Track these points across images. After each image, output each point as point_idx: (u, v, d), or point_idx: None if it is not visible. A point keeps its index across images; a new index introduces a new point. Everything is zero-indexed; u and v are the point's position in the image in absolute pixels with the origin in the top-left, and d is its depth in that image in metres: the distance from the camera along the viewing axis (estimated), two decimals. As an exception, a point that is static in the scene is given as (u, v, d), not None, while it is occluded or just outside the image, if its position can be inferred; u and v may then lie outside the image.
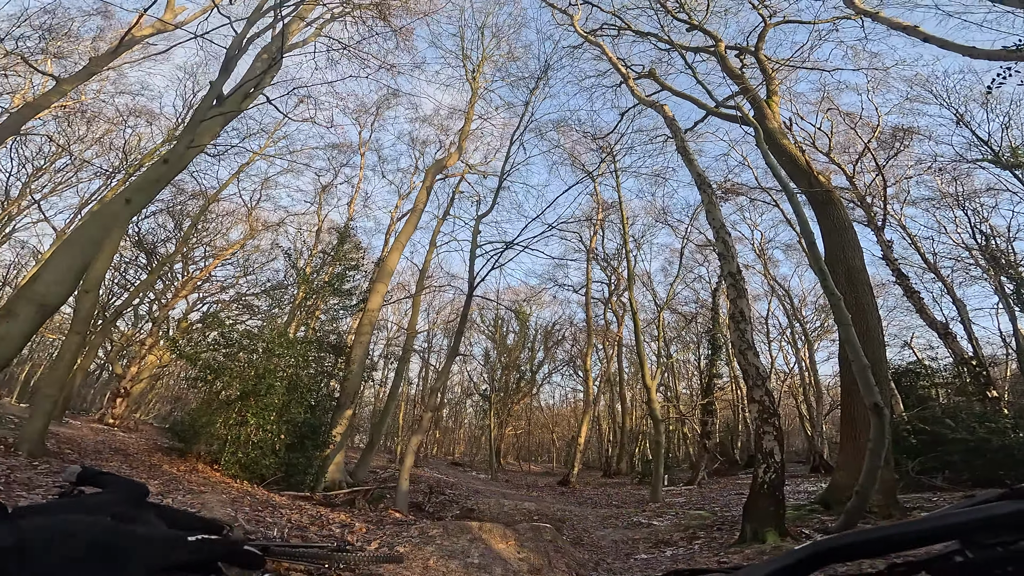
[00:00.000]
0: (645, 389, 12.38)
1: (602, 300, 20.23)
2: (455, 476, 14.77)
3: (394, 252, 10.13)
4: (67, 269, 5.59)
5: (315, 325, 9.98)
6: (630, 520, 7.87)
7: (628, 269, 14.49)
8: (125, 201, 5.81)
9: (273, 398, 6.75)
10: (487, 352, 24.44)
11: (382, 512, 6.37)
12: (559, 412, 32.78)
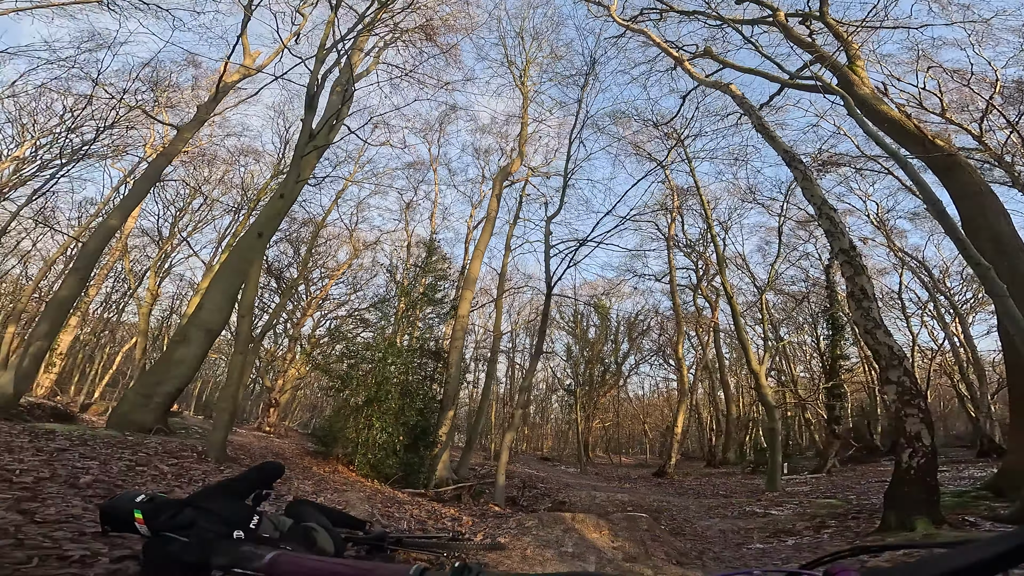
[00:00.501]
0: (752, 375, 11.43)
1: (690, 287, 19.34)
2: (545, 471, 15.10)
3: (475, 260, 10.74)
4: (222, 297, 6.79)
5: (416, 334, 10.77)
6: (741, 509, 7.39)
7: (717, 253, 13.53)
8: (258, 235, 6.49)
9: (391, 403, 7.41)
10: (569, 347, 24.43)
11: (483, 506, 6.84)
12: (650, 402, 31.54)
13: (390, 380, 7.76)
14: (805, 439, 20.72)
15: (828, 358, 14.81)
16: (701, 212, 14.89)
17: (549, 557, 3.74)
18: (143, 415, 6.00)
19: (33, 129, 13.40)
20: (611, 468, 19.35)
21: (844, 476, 10.93)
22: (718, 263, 13.37)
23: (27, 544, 1.95)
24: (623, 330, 24.23)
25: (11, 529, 2.06)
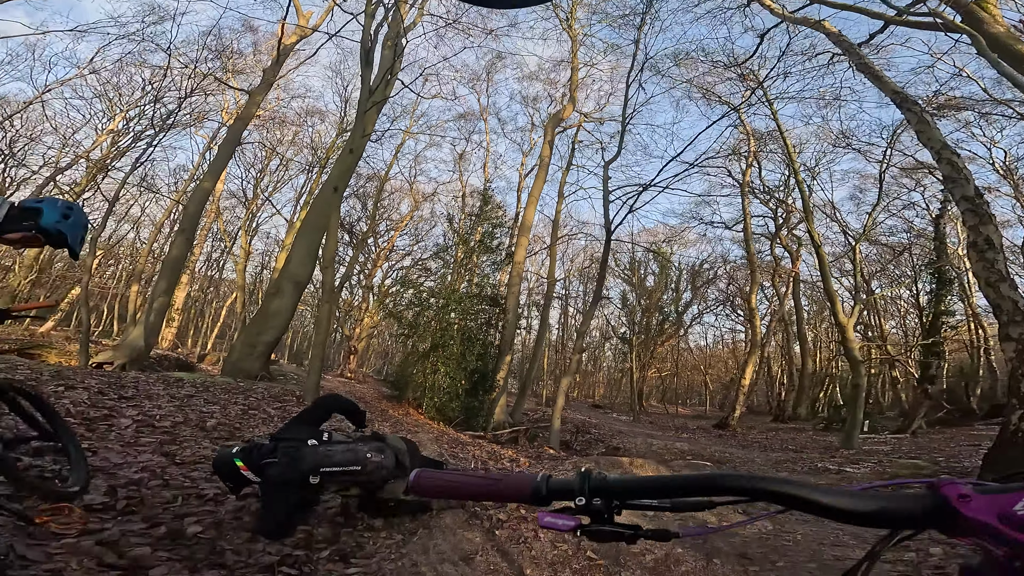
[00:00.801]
0: (838, 328, 10.56)
1: (767, 235, 17.87)
2: (597, 418, 15.32)
3: (529, 207, 10.67)
4: (306, 251, 7.38)
5: (474, 281, 11.10)
6: (813, 465, 7.05)
7: (804, 200, 12.14)
8: (333, 189, 6.85)
9: (453, 348, 7.77)
10: (624, 295, 23.74)
11: (538, 448, 7.14)
12: (712, 354, 30.18)
13: (452, 326, 8.07)
14: (888, 398, 19.00)
15: (929, 314, 13.24)
16: (783, 158, 13.52)
17: None
18: (249, 363, 6.83)
19: (120, 103, 14.83)
20: (666, 418, 19.19)
21: (930, 438, 9.97)
22: (804, 211, 11.99)
23: (171, 484, 2.33)
24: (686, 279, 22.99)
25: (158, 471, 2.46)
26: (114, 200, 10.21)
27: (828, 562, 2.49)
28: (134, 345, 7.26)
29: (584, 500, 0.44)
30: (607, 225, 9.27)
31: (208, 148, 16.34)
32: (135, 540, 1.73)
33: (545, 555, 2.35)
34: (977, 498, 0.37)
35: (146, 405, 3.76)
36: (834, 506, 0.39)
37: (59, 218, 1.62)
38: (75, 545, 1.59)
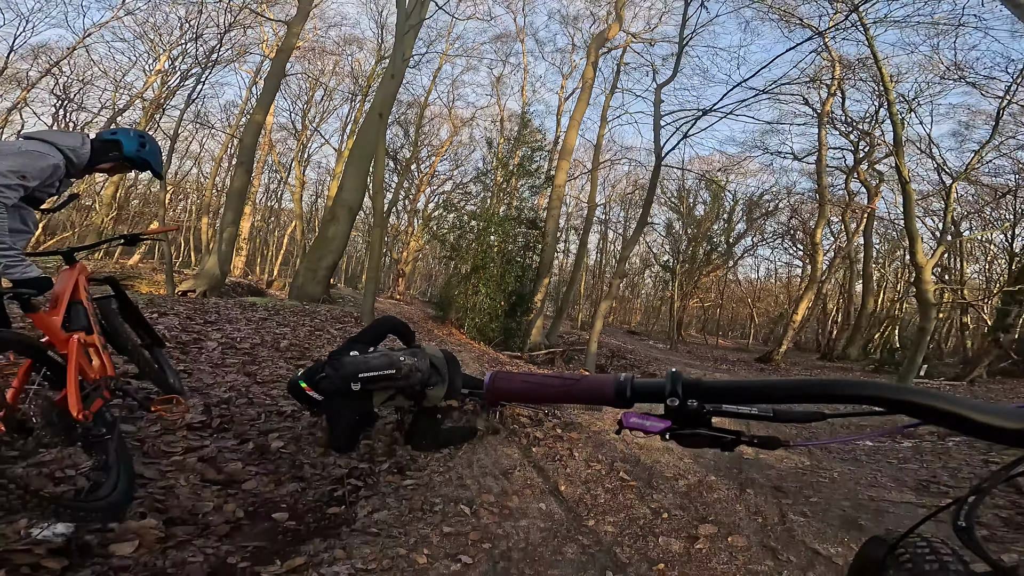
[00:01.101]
0: (914, 269, 9.68)
1: (842, 169, 16.09)
2: (632, 344, 15.51)
3: (570, 131, 10.02)
4: (357, 178, 7.51)
5: (513, 204, 10.96)
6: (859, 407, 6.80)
7: (895, 134, 10.49)
8: (378, 116, 6.73)
9: (493, 270, 7.86)
10: (670, 223, 22.50)
11: (573, 371, 7.36)
12: (763, 287, 28.60)
13: (492, 249, 8.13)
14: (951, 345, 17.64)
15: (1021, 261, 11.80)
16: (875, 88, 11.43)
17: None
18: (313, 287, 7.37)
19: (161, 42, 14.76)
20: (705, 349, 19.10)
21: (990, 388, 9.36)
22: (894, 145, 10.39)
23: (255, 403, 2.62)
24: (741, 209, 21.24)
25: (243, 389, 2.75)
26: (174, 138, 10.61)
27: (863, 502, 2.48)
28: (211, 273, 8.00)
29: (677, 401, 0.41)
30: (657, 151, 8.75)
31: (254, 82, 16.51)
32: (229, 456, 2.00)
33: (579, 473, 2.52)
34: None
35: (228, 328, 4.10)
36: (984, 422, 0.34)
37: (137, 146, 1.87)
38: (181, 463, 1.86)
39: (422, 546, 1.66)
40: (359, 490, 2.00)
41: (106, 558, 1.31)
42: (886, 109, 10.65)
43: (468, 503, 2.02)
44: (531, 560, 1.69)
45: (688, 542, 1.88)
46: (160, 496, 1.61)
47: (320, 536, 1.63)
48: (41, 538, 1.27)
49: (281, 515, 1.71)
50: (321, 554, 1.52)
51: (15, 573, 1.19)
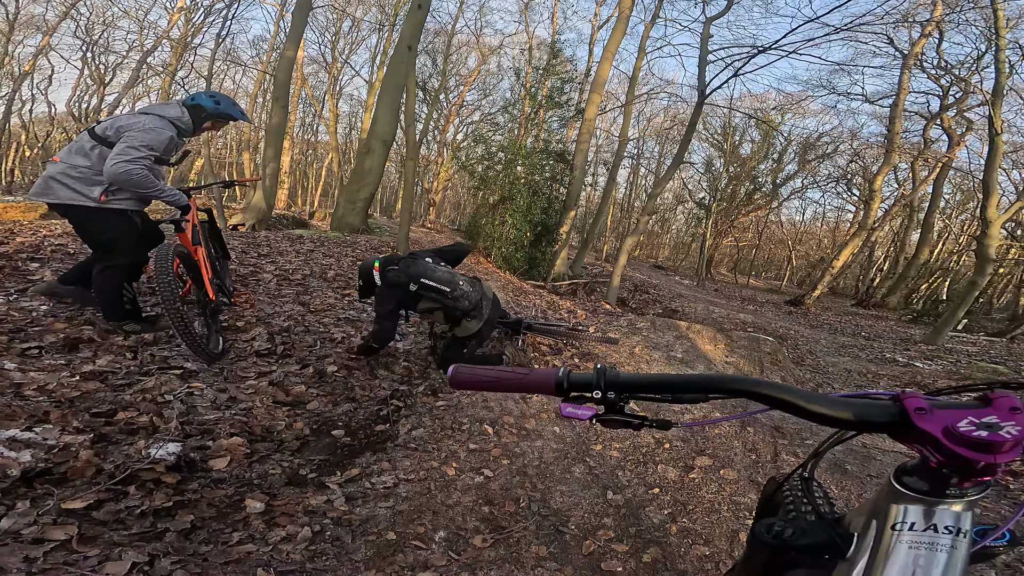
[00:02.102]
0: (982, 222, 8.87)
1: (924, 115, 13.94)
2: (657, 278, 15.04)
3: (604, 63, 8.93)
4: (389, 110, 7.26)
5: (541, 135, 10.51)
6: (880, 354, 6.65)
7: (998, 82, 8.79)
8: (407, 48, 6.48)
9: (520, 201, 7.70)
10: (710, 160, 20.60)
11: (596, 303, 7.42)
12: (808, 230, 26.52)
13: (519, 180, 7.92)
14: (1003, 300, 16.25)
15: None
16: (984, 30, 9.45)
17: (657, 359, 3.77)
18: (352, 218, 7.51)
19: None
20: (735, 288, 18.47)
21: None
22: (994, 93, 8.75)
23: (311, 330, 2.81)
24: (794, 150, 19.03)
25: (299, 318, 2.95)
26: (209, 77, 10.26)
27: (855, 448, 2.55)
28: (258, 207, 8.25)
29: (600, 393, 0.49)
30: (701, 89, 7.78)
31: (280, 16, 15.31)
32: (294, 380, 2.24)
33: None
34: (932, 412, 0.39)
35: (279, 261, 4.27)
36: (809, 409, 0.43)
37: (213, 104, 2.35)
38: (256, 386, 2.11)
39: (451, 460, 1.91)
40: (400, 410, 2.27)
41: (207, 472, 1.49)
42: (992, 55, 8.86)
43: (491, 423, 2.24)
44: (543, 476, 1.90)
45: (684, 471, 2.04)
46: (242, 417, 1.85)
47: (371, 450, 1.89)
48: (159, 456, 1.43)
49: (339, 432, 1.96)
50: (372, 466, 1.78)
51: (143, 488, 1.33)
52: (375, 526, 1.47)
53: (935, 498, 0.39)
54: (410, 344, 3.12)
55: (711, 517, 1.77)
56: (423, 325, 3.50)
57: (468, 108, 20.71)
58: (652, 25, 10.83)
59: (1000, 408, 0.39)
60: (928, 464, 0.40)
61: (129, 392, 1.79)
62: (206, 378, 2.06)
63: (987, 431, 0.36)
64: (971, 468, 0.37)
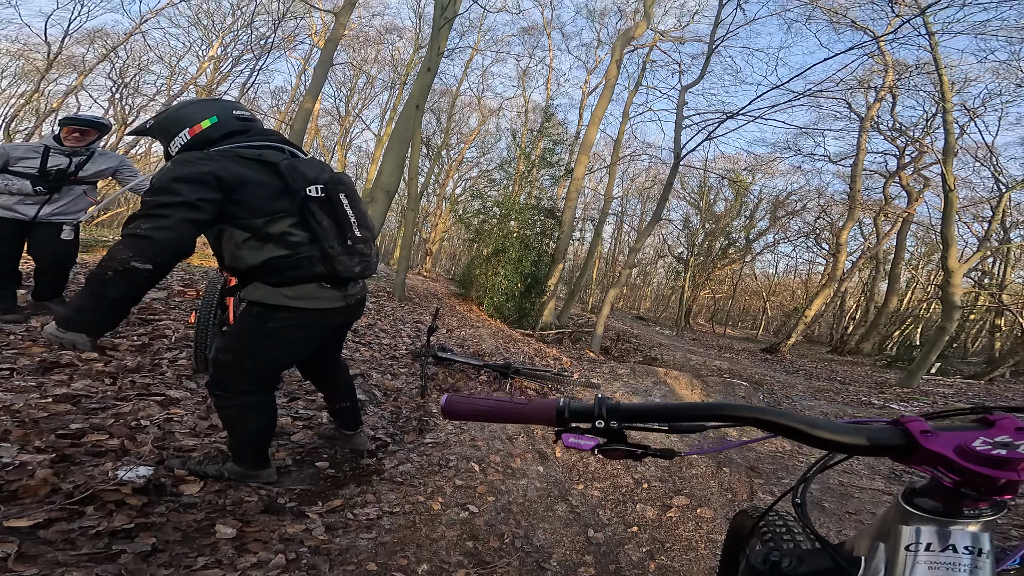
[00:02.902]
0: (944, 272, 9.49)
1: (883, 173, 15.34)
2: (639, 329, 15.33)
3: (591, 127, 9.82)
4: (394, 163, 7.65)
5: (533, 193, 11.01)
6: (856, 398, 6.70)
7: (947, 142, 9.85)
8: (415, 107, 6.89)
9: (512, 254, 8.03)
10: (687, 217, 21.99)
11: (580, 351, 7.51)
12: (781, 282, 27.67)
13: (512, 234, 8.27)
14: (979, 345, 16.74)
15: None
16: (932, 94, 10.67)
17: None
18: None
19: (214, 29, 14.89)
20: (712, 337, 18.77)
21: (1008, 387, 8.82)
22: (944, 152, 9.77)
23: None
24: (765, 208, 20.50)
25: None
26: None
27: (832, 486, 2.59)
28: None
29: (602, 423, 0.47)
30: (677, 151, 8.58)
31: (303, 70, 16.67)
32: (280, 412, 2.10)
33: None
34: (937, 434, 0.39)
35: None
36: (813, 434, 0.42)
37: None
38: None
39: (438, 495, 1.90)
40: (387, 445, 2.27)
41: (177, 496, 1.44)
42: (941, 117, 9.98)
43: (478, 461, 2.25)
44: (527, 514, 1.90)
45: (662, 510, 2.06)
46: (222, 445, 1.81)
47: (355, 483, 1.87)
48: (126, 479, 1.39)
49: (323, 464, 1.95)
50: (355, 497, 1.76)
51: (102, 509, 1.27)
52: (355, 556, 1.44)
53: (949, 518, 0.38)
54: (401, 383, 3.14)
55: (688, 555, 1.78)
56: (415, 366, 3.55)
57: (468, 164, 21.94)
58: (635, 92, 12.08)
59: (1006, 428, 0.39)
60: (941, 485, 0.38)
61: (102, 416, 1.77)
62: (188, 406, 2.05)
63: (1005, 449, 0.36)
64: (991, 486, 0.36)
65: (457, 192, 21.48)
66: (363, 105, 21.12)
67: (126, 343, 2.48)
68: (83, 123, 2.58)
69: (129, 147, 15.40)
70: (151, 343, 2.59)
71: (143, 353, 2.40)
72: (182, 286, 4.01)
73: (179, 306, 3.45)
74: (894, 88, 12.35)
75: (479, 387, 3.52)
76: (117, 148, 15.32)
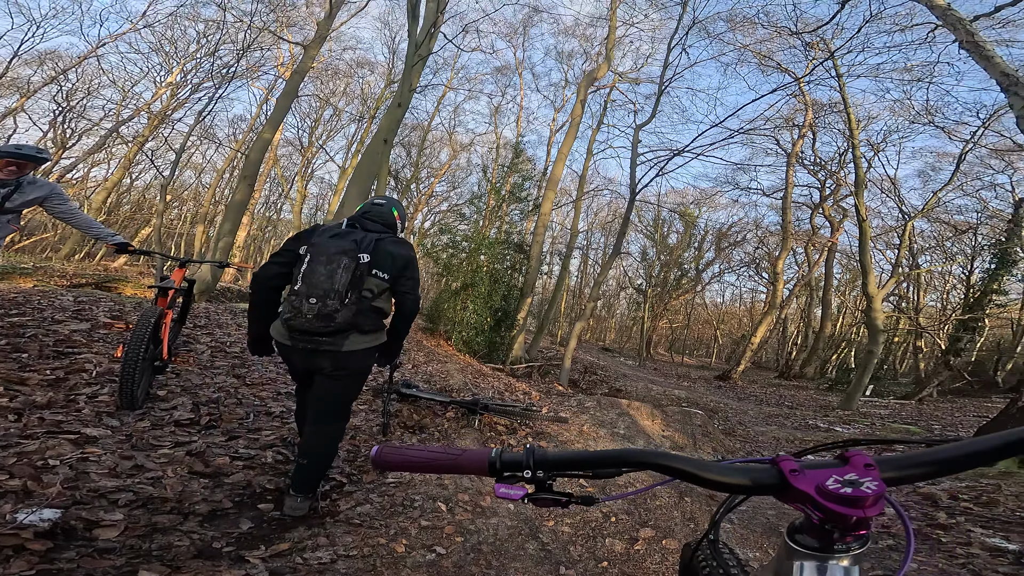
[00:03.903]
0: (866, 297, 10.36)
1: (809, 205, 17.10)
2: (605, 360, 15.65)
3: (558, 163, 10.35)
4: (359, 196, 7.44)
5: (503, 227, 11.18)
6: (803, 422, 7.07)
7: (857, 175, 11.21)
8: (383, 141, 6.83)
9: (481, 288, 7.99)
10: (645, 250, 23.32)
11: (549, 384, 7.48)
12: (728, 311, 29.55)
13: (481, 268, 8.25)
14: (906, 366, 18.32)
15: (977, 291, 12.39)
16: (844, 131, 12.33)
17: (603, 435, 3.95)
18: None
19: (176, 56, 14.57)
20: (671, 366, 19.47)
21: (937, 406, 9.66)
22: (856, 185, 11.09)
23: (244, 403, 2.66)
24: (711, 239, 22.14)
25: (231, 390, 2.79)
26: (181, 151, 10.42)
27: (787, 512, 2.67)
28: (203, 279, 7.77)
29: (530, 472, 0.48)
30: (632, 186, 9.18)
31: (266, 99, 16.27)
32: (217, 452, 2.05)
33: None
34: (804, 472, 0.41)
35: (217, 333, 4.03)
36: (703, 476, 0.44)
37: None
38: (170, 456, 1.93)
39: (401, 537, 1.76)
40: (344, 486, 2.09)
41: (91, 541, 1.31)
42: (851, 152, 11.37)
43: (445, 501, 2.13)
44: (498, 553, 1.81)
45: (629, 544, 2.04)
46: (148, 486, 1.66)
47: (305, 525, 1.72)
48: (27, 522, 1.26)
49: (267, 506, 1.77)
50: (305, 540, 1.60)
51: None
52: (307, 605, 1.29)
53: (825, 554, 0.40)
54: (360, 420, 2.95)
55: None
56: (376, 403, 3.37)
57: (438, 198, 22.05)
58: (598, 130, 12.91)
59: (856, 465, 0.40)
60: (812, 521, 0.40)
61: (1, 455, 1.59)
62: (108, 445, 1.85)
63: (851, 488, 0.38)
64: (847, 523, 0.38)
65: (426, 226, 21.48)
66: (328, 136, 20.81)
67: (36, 377, 2.20)
68: (21, 157, 2.42)
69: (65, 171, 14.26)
70: (67, 377, 2.33)
71: (56, 388, 2.16)
72: (109, 318, 3.63)
73: (104, 339, 3.11)
74: (813, 126, 14.19)
75: (447, 423, 3.38)
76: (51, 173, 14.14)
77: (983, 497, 2.72)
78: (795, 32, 9.03)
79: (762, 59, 11.53)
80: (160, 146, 15.67)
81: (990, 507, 2.58)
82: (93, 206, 14.54)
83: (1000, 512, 2.49)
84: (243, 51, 10.73)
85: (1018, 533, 2.19)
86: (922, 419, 7.58)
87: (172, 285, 2.47)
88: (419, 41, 6.89)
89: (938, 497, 2.77)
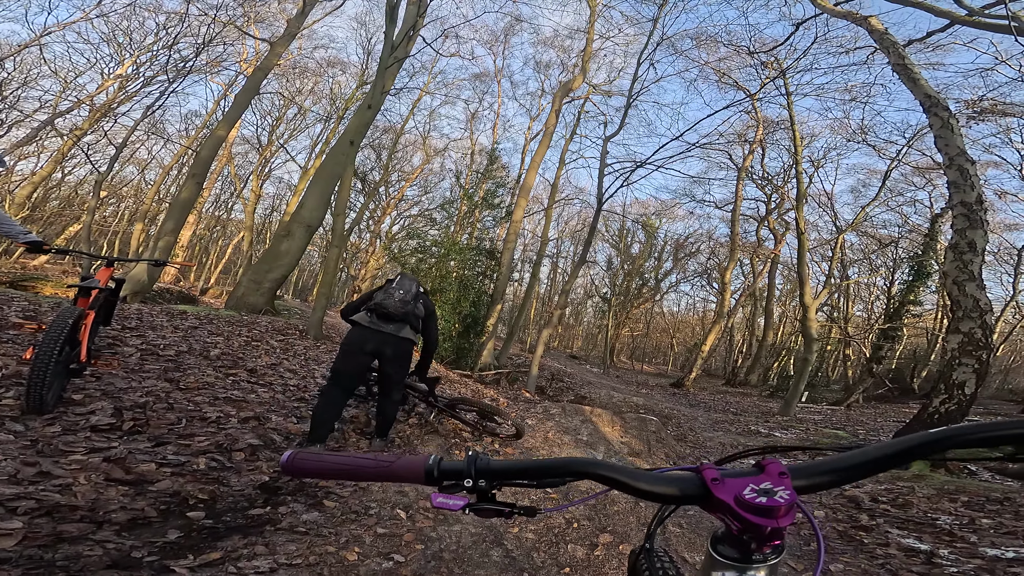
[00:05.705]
0: (802, 307, 11.00)
1: (755, 218, 18.05)
2: (572, 368, 15.85)
3: (531, 171, 10.45)
4: (319, 198, 7.14)
5: (474, 233, 11.07)
6: (747, 428, 7.44)
7: (799, 189, 11.96)
8: (349, 143, 6.53)
9: (450, 294, 7.86)
10: (610, 259, 24.18)
11: (517, 391, 7.43)
12: (683, 319, 31.09)
13: (451, 274, 8.09)
14: (837, 373, 19.89)
15: (896, 301, 13.44)
16: (789, 147, 13.10)
17: (567, 441, 3.99)
18: (255, 298, 6.71)
19: (130, 47, 13.41)
20: (632, 373, 20.07)
21: (863, 412, 10.55)
22: (797, 199, 11.85)
23: (176, 408, 2.40)
24: (669, 249, 23.25)
25: (162, 395, 2.51)
26: (122, 146, 9.50)
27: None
28: (137, 279, 7.04)
29: (471, 481, 0.45)
30: (599, 196, 9.47)
31: (224, 96, 15.18)
32: (142, 458, 1.83)
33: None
34: (724, 481, 0.40)
35: (150, 335, 3.67)
36: (635, 486, 0.43)
37: None
38: (84, 462, 1.70)
39: (353, 545, 1.63)
40: (291, 492, 1.90)
41: None
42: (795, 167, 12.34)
43: (405, 508, 2.02)
44: (461, 561, 1.73)
45: (590, 549, 2.03)
46: (55, 494, 1.47)
47: (240, 534, 1.56)
48: None
49: (197, 514, 1.60)
50: (240, 549, 1.46)
51: None
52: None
53: (744, 564, 0.39)
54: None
55: (615, 591, 1.71)
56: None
57: (408, 202, 21.39)
58: (571, 140, 13.15)
59: (771, 474, 0.40)
60: (731, 532, 0.39)
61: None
62: (10, 451, 1.62)
63: (765, 497, 0.37)
64: (762, 534, 0.37)
65: (394, 230, 20.89)
66: (291, 135, 19.68)
67: (-75, 381, 1.84)
68: None
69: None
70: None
71: None
72: (21, 318, 3.17)
73: (13, 340, 2.72)
74: (763, 142, 15.16)
75: (408, 429, 3.22)
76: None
77: (899, 499, 2.95)
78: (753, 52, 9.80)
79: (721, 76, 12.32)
80: (99, 140, 14.19)
81: (905, 508, 2.80)
82: (16, 201, 12.96)
83: (914, 513, 2.71)
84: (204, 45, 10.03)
85: (929, 534, 2.38)
86: (850, 424, 8.22)
87: (96, 284, 2.28)
88: (396, 43, 6.74)
89: (861, 500, 2.98)
